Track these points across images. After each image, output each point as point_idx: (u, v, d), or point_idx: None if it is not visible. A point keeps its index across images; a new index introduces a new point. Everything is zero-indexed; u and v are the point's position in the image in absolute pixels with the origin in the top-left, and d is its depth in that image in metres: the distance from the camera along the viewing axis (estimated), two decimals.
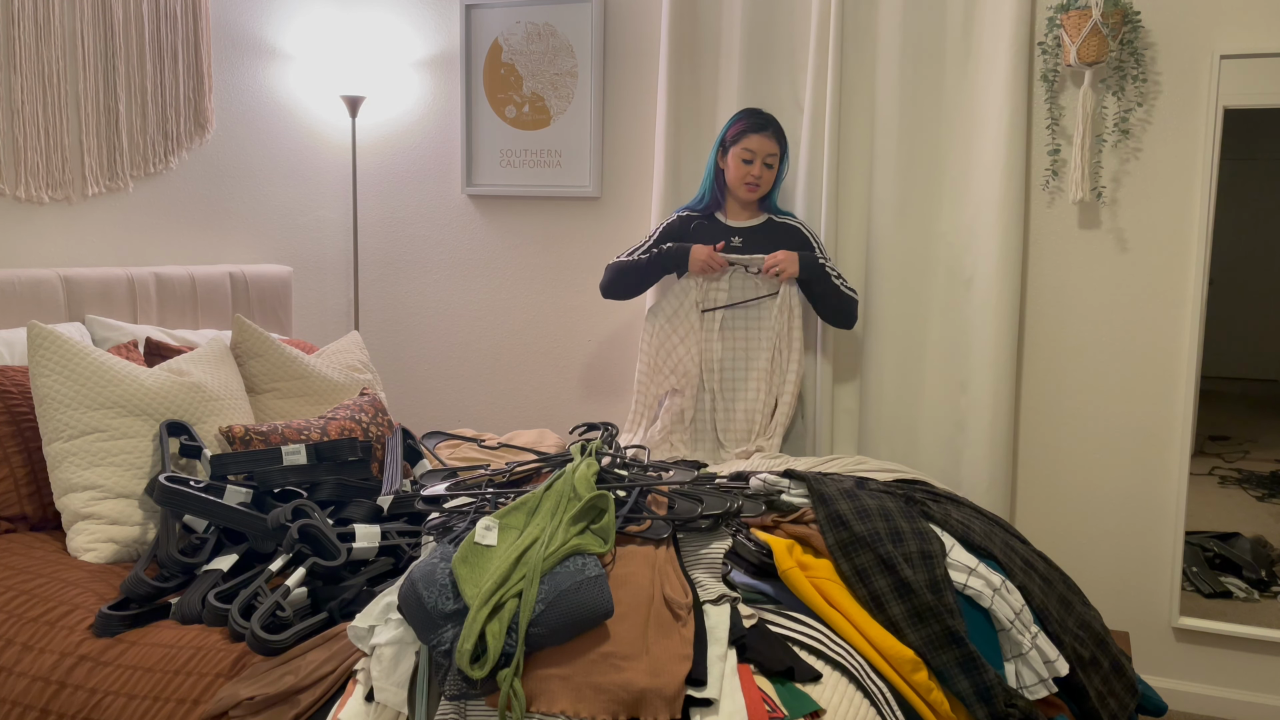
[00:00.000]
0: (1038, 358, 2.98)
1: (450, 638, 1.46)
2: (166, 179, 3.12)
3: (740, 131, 2.83)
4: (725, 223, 2.92)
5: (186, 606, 1.79)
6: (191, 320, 3.02)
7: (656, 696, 1.39)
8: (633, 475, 2.06)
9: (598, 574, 1.55)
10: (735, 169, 2.84)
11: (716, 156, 2.90)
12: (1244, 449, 2.98)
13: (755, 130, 2.81)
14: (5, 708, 1.69)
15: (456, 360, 3.72)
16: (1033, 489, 3.01)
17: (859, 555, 1.83)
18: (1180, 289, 2.82)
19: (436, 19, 3.59)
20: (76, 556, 2.06)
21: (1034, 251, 2.95)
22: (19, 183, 2.70)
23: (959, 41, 2.93)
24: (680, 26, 3.18)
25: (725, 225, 2.92)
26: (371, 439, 2.50)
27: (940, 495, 2.21)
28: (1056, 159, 2.88)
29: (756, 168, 2.81)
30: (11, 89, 2.65)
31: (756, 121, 2.83)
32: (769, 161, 2.83)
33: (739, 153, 2.82)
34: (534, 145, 3.50)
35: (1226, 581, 2.92)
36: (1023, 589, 1.93)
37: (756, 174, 2.82)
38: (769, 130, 2.82)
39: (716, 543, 1.85)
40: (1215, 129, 2.72)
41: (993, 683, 1.68)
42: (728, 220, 2.93)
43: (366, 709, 1.48)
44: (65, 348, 2.19)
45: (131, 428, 2.19)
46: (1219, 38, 2.73)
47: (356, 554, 1.87)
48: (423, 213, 3.70)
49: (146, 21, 2.98)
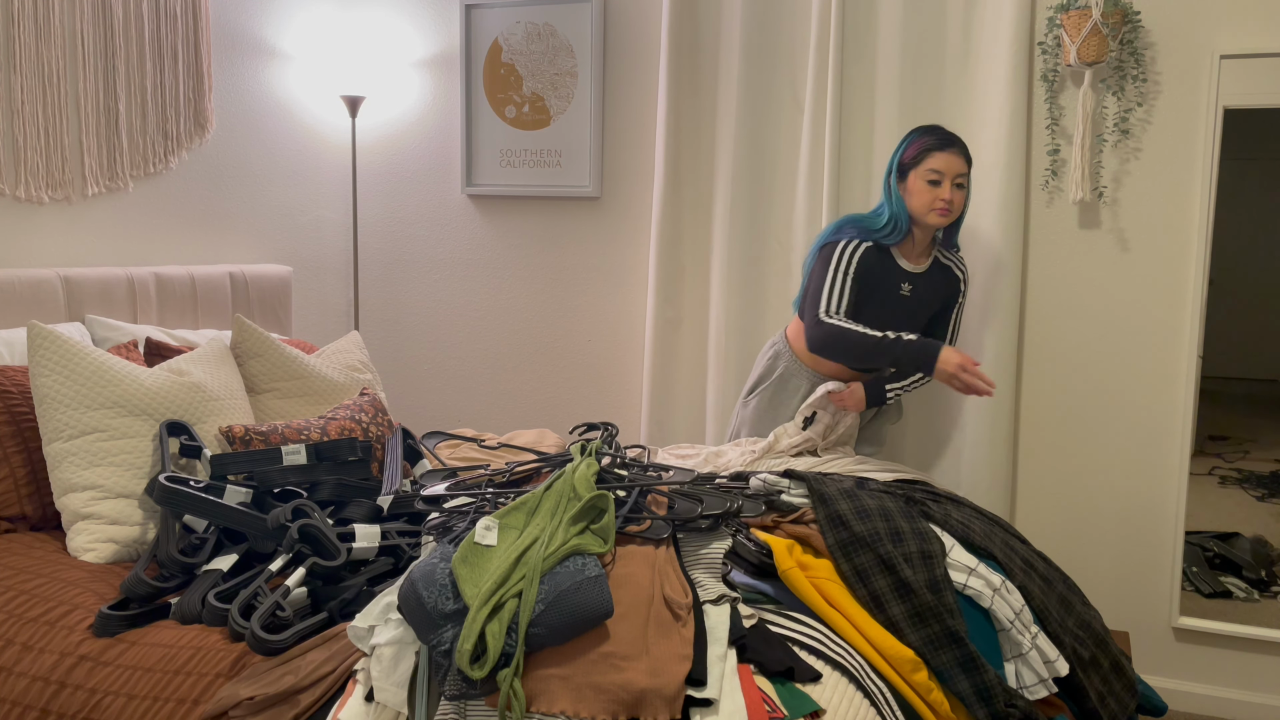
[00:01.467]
0: (1038, 358, 2.98)
1: (450, 638, 1.46)
2: (166, 179, 3.12)
3: (922, 150, 2.50)
4: (901, 265, 2.57)
5: (186, 606, 1.79)
6: (191, 320, 3.02)
7: (656, 696, 1.39)
8: (632, 475, 2.06)
9: (598, 574, 1.55)
10: (920, 193, 2.49)
11: (893, 184, 2.55)
12: (1244, 449, 2.98)
13: (939, 148, 2.49)
14: (5, 708, 1.69)
15: (456, 360, 3.72)
16: (1033, 489, 3.01)
17: (859, 555, 1.83)
18: (1180, 289, 2.82)
19: (436, 19, 3.59)
20: (76, 556, 2.06)
21: (1034, 251, 2.95)
22: (19, 183, 2.69)
23: (959, 41, 2.93)
24: (680, 26, 3.18)
25: (900, 269, 2.57)
26: (371, 439, 2.50)
27: (940, 495, 2.21)
28: (1056, 159, 2.88)
29: (946, 189, 2.48)
30: (11, 89, 2.65)
31: (942, 137, 2.51)
32: (959, 182, 2.49)
33: (923, 174, 2.48)
34: (534, 145, 3.50)
35: (1226, 581, 2.92)
36: (1023, 589, 1.93)
37: (947, 196, 2.48)
38: (955, 147, 2.50)
39: (716, 543, 1.85)
40: (1215, 129, 2.72)
41: (993, 683, 1.68)
42: (902, 261, 2.57)
43: (366, 709, 1.48)
44: (65, 348, 2.19)
45: (131, 428, 2.19)
46: (1219, 38, 2.73)
47: (356, 554, 1.87)
48: (423, 213, 3.70)
49: (146, 21, 2.98)
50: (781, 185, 3.16)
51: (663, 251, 3.25)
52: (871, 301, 2.57)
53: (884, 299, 2.57)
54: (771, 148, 3.16)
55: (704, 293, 3.30)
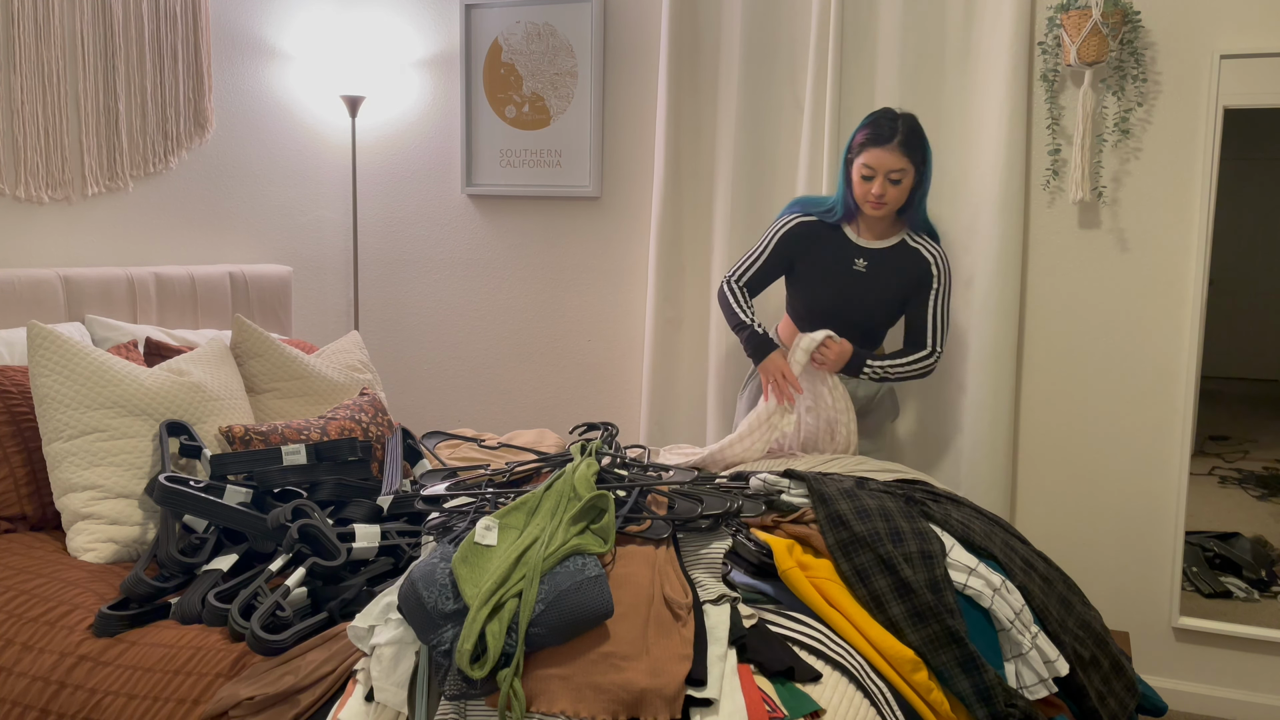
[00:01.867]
0: (1038, 358, 2.98)
1: (450, 638, 1.46)
2: (166, 179, 3.12)
3: (860, 144, 2.56)
4: (854, 240, 2.65)
5: (186, 606, 1.79)
6: (191, 320, 3.02)
7: (656, 696, 1.39)
8: (633, 475, 2.06)
9: (598, 574, 1.55)
10: (856, 185, 2.57)
11: (844, 166, 2.63)
12: (1244, 449, 2.98)
13: (875, 143, 2.52)
14: (5, 708, 1.69)
15: (457, 360, 3.72)
16: (1033, 489, 3.01)
17: (859, 555, 1.83)
18: (1180, 289, 2.82)
19: (436, 19, 3.59)
20: (76, 556, 2.06)
21: (1034, 251, 2.95)
22: (19, 183, 2.69)
23: (959, 41, 2.93)
24: (680, 26, 3.18)
25: (853, 243, 2.65)
26: (371, 439, 2.50)
27: (940, 495, 2.21)
28: (1057, 159, 2.88)
29: (877, 185, 2.53)
30: (11, 89, 2.65)
31: (877, 132, 2.53)
32: (894, 178, 2.52)
33: (859, 168, 2.55)
34: (534, 145, 3.50)
35: (1226, 581, 2.92)
36: (1023, 589, 1.93)
37: (877, 192, 2.53)
38: (892, 142, 2.51)
39: (716, 543, 1.85)
40: (1215, 129, 2.72)
41: (993, 683, 1.68)
42: (858, 238, 2.65)
43: (366, 709, 1.48)
44: (65, 348, 2.19)
45: (131, 428, 2.19)
46: (1219, 38, 2.73)
47: (356, 554, 1.87)
48: (423, 213, 3.70)
49: (146, 21, 2.98)
50: (781, 185, 3.16)
51: (663, 251, 3.25)
52: (813, 274, 2.67)
53: (830, 273, 2.65)
54: (771, 148, 3.16)
55: (704, 293, 3.30)
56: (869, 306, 2.65)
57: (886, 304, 2.65)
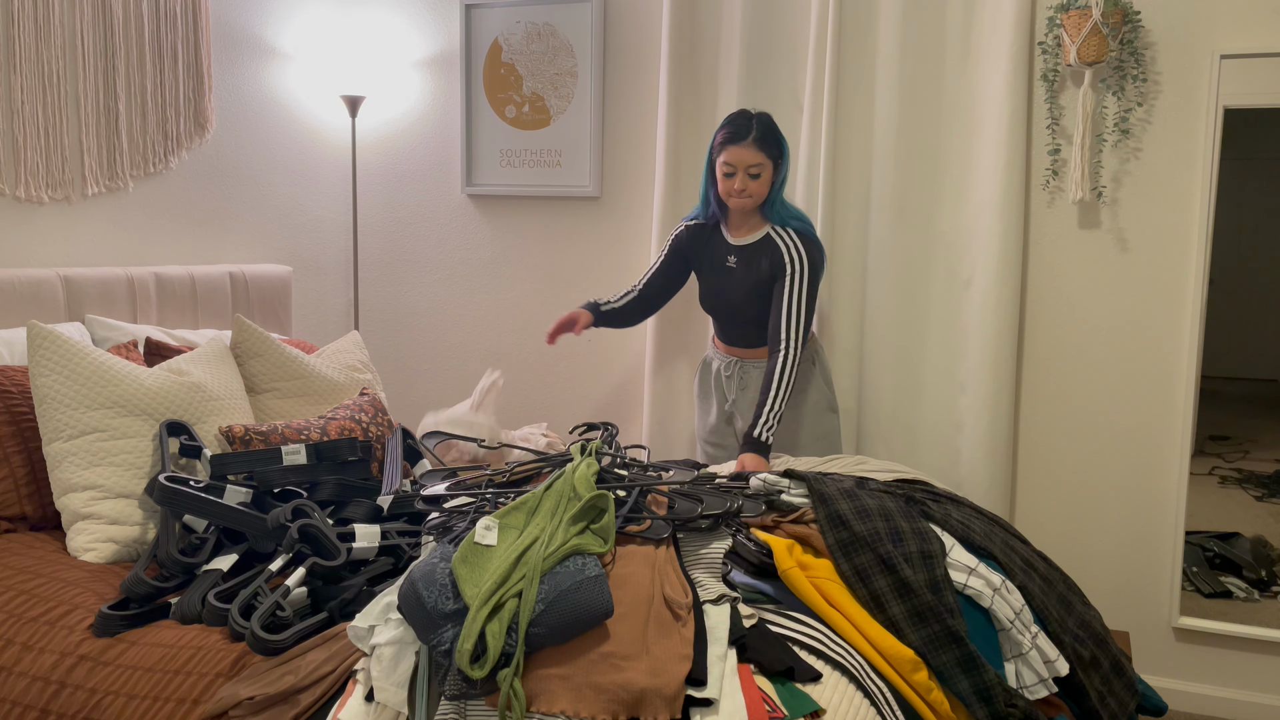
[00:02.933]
0: (1037, 358, 2.98)
1: (450, 638, 1.46)
2: (166, 179, 3.12)
3: (720, 143, 2.67)
4: (727, 239, 2.79)
5: (186, 606, 1.79)
6: (191, 320, 3.02)
7: (656, 696, 1.39)
8: (633, 475, 2.06)
9: (598, 574, 1.55)
10: (719, 181, 2.70)
11: (708, 166, 2.76)
12: (1244, 449, 2.98)
13: (733, 141, 2.63)
14: (5, 708, 1.69)
15: (457, 360, 3.72)
16: (1033, 489, 3.01)
17: (859, 555, 1.83)
18: (1180, 289, 2.82)
19: (436, 19, 3.59)
20: (76, 556, 2.06)
21: (1034, 251, 2.95)
22: (19, 183, 2.69)
23: (959, 41, 2.93)
24: (680, 26, 3.18)
25: (727, 242, 2.78)
26: (371, 439, 2.50)
27: (940, 495, 2.21)
28: (1056, 159, 2.88)
29: (738, 181, 2.65)
30: (11, 89, 2.65)
31: (734, 131, 2.64)
32: (753, 172, 2.64)
33: (721, 165, 2.67)
34: (534, 145, 3.50)
35: (1226, 581, 2.92)
36: (1023, 589, 1.93)
37: (738, 187, 2.65)
38: (748, 139, 2.62)
39: (716, 543, 1.85)
40: (1215, 129, 2.72)
41: (993, 683, 1.68)
42: (730, 236, 2.79)
43: (366, 709, 1.48)
44: (65, 348, 2.19)
45: (131, 428, 2.19)
46: (1219, 38, 2.73)
47: (356, 554, 1.87)
48: (423, 213, 3.70)
49: (146, 21, 2.98)
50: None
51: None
52: (703, 272, 2.86)
53: (710, 272, 2.83)
54: None
55: None
56: (741, 300, 2.76)
57: (758, 297, 2.74)
